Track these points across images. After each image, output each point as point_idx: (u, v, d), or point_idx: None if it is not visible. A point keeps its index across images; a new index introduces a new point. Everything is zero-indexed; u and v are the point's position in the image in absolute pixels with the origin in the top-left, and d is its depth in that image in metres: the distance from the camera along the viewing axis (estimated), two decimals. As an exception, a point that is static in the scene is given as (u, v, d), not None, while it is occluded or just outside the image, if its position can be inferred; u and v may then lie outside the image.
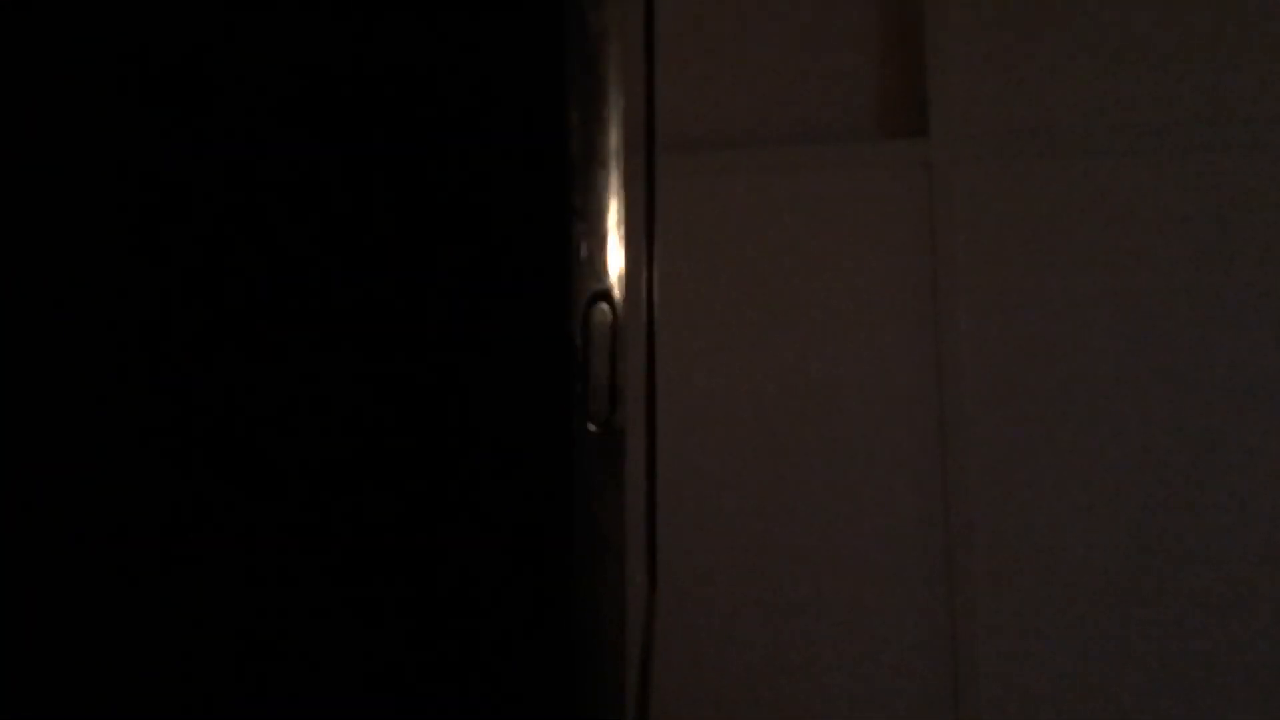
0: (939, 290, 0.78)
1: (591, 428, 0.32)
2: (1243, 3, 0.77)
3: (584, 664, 0.33)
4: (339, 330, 0.33)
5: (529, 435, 0.32)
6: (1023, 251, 0.78)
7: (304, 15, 0.34)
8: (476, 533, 0.33)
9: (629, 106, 0.34)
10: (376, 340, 0.33)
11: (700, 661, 0.77)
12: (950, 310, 0.77)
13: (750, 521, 0.78)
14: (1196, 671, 0.73)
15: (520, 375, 0.32)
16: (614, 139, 0.32)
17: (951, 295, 0.77)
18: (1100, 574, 0.75)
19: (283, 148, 0.34)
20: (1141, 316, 0.76)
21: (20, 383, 0.35)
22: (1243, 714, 0.72)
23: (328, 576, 0.33)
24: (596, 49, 0.32)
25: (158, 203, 0.34)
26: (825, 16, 0.84)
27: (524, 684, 0.32)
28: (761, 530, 0.78)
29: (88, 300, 0.35)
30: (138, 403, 0.34)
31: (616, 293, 0.32)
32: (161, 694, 0.33)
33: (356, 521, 0.32)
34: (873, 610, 0.77)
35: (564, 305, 0.31)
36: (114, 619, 0.34)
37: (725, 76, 0.84)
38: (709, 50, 0.84)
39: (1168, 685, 0.74)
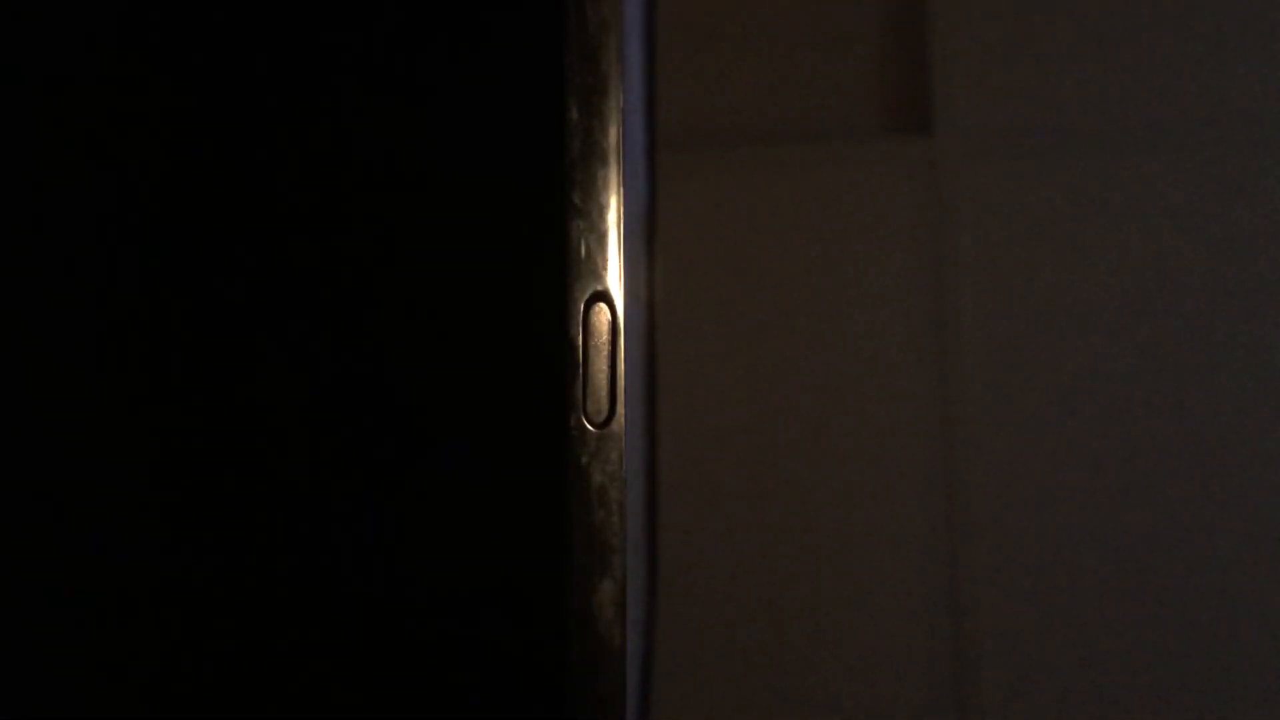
0: (942, 289, 0.77)
1: (591, 428, 0.32)
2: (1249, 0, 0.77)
3: (584, 666, 0.32)
4: (331, 329, 0.33)
5: (528, 436, 0.32)
6: (1028, 249, 0.77)
7: (297, 8, 0.33)
8: (473, 534, 0.32)
9: (629, 103, 0.33)
10: (371, 339, 0.33)
11: (701, 662, 0.76)
12: (954, 309, 0.77)
13: (751, 522, 0.78)
14: (1203, 673, 0.73)
15: (519, 375, 0.32)
16: (614, 136, 0.32)
17: (955, 293, 0.77)
18: (1106, 575, 0.75)
19: (275, 143, 0.33)
20: (1148, 315, 0.76)
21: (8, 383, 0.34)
22: (1250, 715, 0.72)
23: (319, 578, 0.32)
24: (597, 44, 0.32)
25: (148, 198, 0.34)
26: (827, 11, 0.83)
27: (523, 687, 0.32)
28: (763, 530, 0.78)
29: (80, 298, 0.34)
30: (124, 401, 0.34)
31: (616, 292, 0.32)
32: (149, 697, 0.33)
33: (349, 523, 0.32)
34: (875, 611, 0.76)
35: (564, 305, 0.31)
36: (103, 621, 0.33)
37: (726, 72, 0.83)
38: (709, 46, 0.84)
39: (1174, 687, 0.73)
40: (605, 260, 0.32)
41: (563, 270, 0.31)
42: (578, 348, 0.31)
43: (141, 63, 0.35)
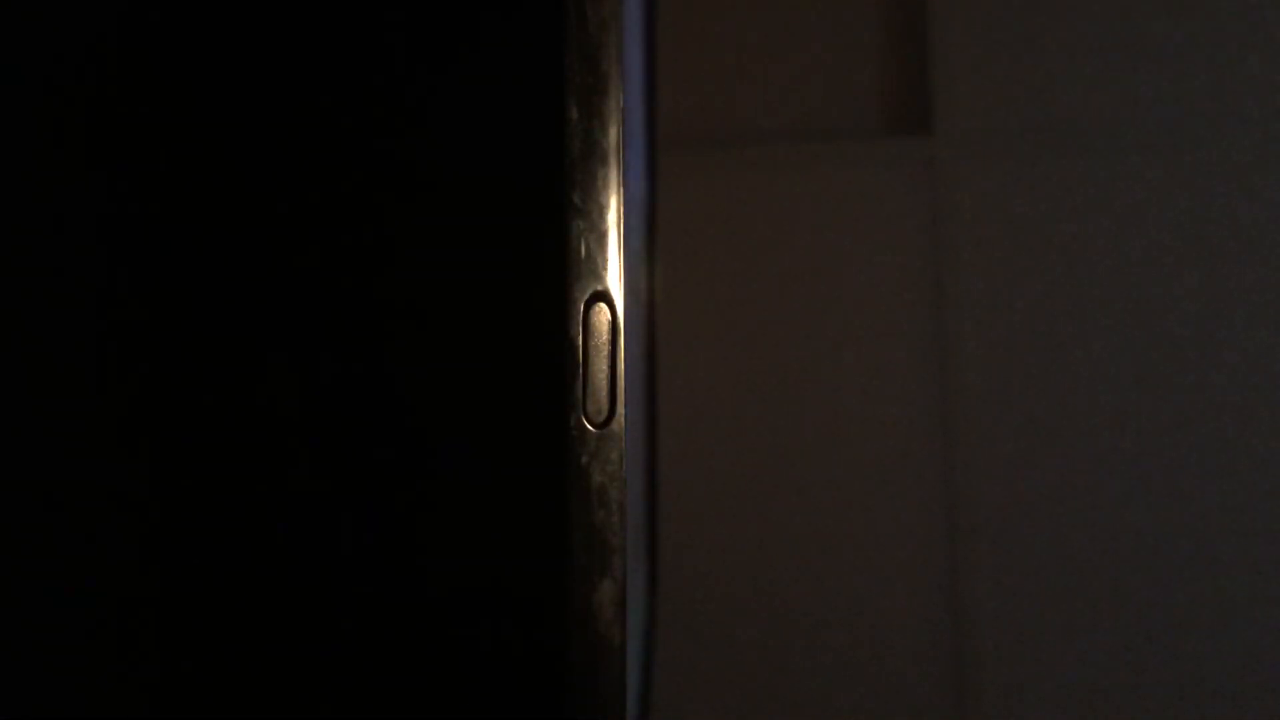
0: (942, 288, 0.77)
1: (591, 428, 0.32)
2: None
3: (584, 666, 0.32)
4: (331, 329, 0.33)
5: (528, 436, 0.32)
6: (1028, 249, 0.77)
7: (297, 9, 0.33)
8: (474, 534, 0.32)
9: (629, 103, 0.33)
10: (372, 339, 0.33)
11: (701, 662, 0.76)
12: (954, 309, 0.77)
13: (752, 521, 0.78)
14: (1204, 672, 0.73)
15: (519, 376, 0.32)
16: (614, 136, 0.32)
17: (955, 294, 0.77)
18: (1106, 575, 0.75)
19: (274, 144, 0.33)
20: (1148, 316, 0.76)
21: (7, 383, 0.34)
22: (1250, 715, 0.72)
23: (320, 578, 0.32)
24: (597, 44, 0.32)
25: (145, 198, 0.34)
26: (827, 11, 0.83)
27: (523, 687, 0.32)
28: (763, 530, 0.78)
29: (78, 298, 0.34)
30: (128, 403, 0.34)
31: (616, 292, 0.32)
32: (149, 697, 0.33)
33: (349, 523, 0.32)
34: (875, 611, 0.76)
35: (564, 305, 0.31)
36: (100, 623, 0.33)
37: (726, 72, 0.83)
38: (709, 46, 0.84)
39: (1175, 687, 0.73)
40: (605, 260, 0.32)
41: (563, 270, 0.31)
42: (578, 348, 0.31)
43: (140, 63, 0.35)
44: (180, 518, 0.33)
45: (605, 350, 0.32)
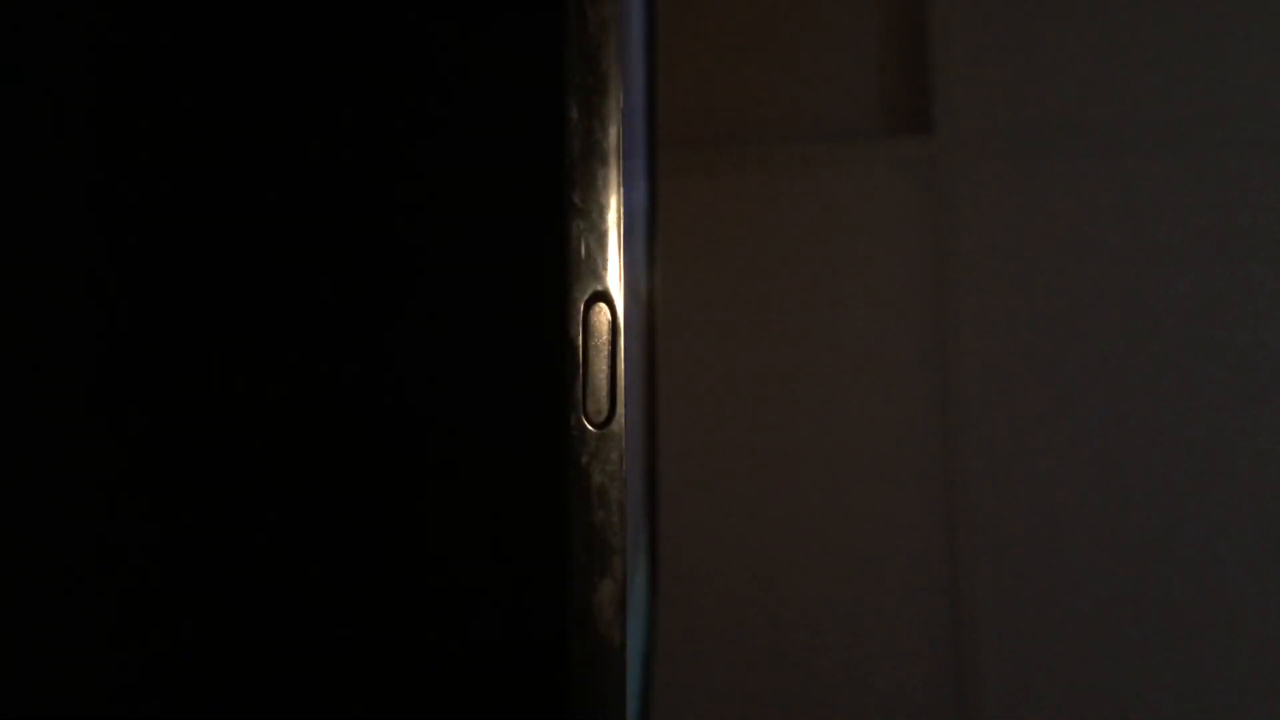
0: (943, 288, 0.77)
1: (591, 428, 0.32)
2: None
3: (584, 666, 0.32)
4: (328, 329, 0.33)
5: (527, 436, 0.32)
6: (1028, 249, 0.77)
7: (295, 8, 0.33)
8: (472, 535, 0.32)
9: (629, 103, 0.33)
10: (370, 339, 0.33)
11: (701, 662, 0.76)
12: (954, 309, 0.77)
13: (752, 521, 0.78)
14: (1204, 672, 0.73)
15: (518, 376, 0.32)
16: (614, 136, 0.32)
17: (955, 293, 0.77)
18: (1107, 575, 0.75)
19: (271, 143, 0.33)
20: (1149, 316, 0.76)
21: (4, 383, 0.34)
22: (1251, 714, 0.72)
23: (317, 578, 0.32)
24: (597, 44, 0.32)
25: (138, 195, 0.34)
26: (827, 11, 0.83)
27: (523, 687, 0.32)
28: (763, 530, 0.78)
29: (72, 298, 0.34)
30: (127, 401, 0.34)
31: (616, 292, 0.32)
32: (145, 696, 0.33)
33: (348, 524, 0.32)
34: (876, 611, 0.76)
35: (564, 305, 0.31)
36: (98, 621, 0.33)
37: (726, 72, 0.83)
38: (709, 46, 0.84)
39: (1176, 687, 0.73)
40: (605, 260, 0.32)
41: (563, 270, 0.31)
42: (578, 348, 0.31)
43: (138, 63, 0.35)
44: (177, 516, 0.33)
45: (605, 350, 0.32)
